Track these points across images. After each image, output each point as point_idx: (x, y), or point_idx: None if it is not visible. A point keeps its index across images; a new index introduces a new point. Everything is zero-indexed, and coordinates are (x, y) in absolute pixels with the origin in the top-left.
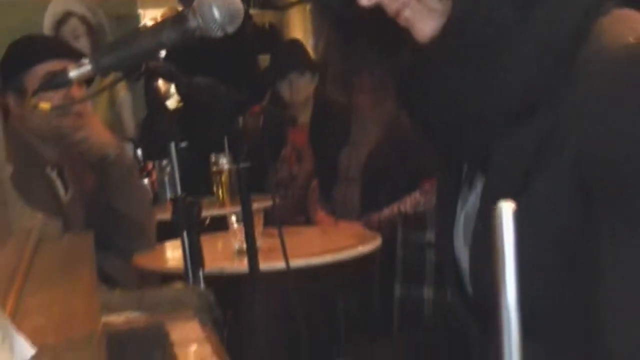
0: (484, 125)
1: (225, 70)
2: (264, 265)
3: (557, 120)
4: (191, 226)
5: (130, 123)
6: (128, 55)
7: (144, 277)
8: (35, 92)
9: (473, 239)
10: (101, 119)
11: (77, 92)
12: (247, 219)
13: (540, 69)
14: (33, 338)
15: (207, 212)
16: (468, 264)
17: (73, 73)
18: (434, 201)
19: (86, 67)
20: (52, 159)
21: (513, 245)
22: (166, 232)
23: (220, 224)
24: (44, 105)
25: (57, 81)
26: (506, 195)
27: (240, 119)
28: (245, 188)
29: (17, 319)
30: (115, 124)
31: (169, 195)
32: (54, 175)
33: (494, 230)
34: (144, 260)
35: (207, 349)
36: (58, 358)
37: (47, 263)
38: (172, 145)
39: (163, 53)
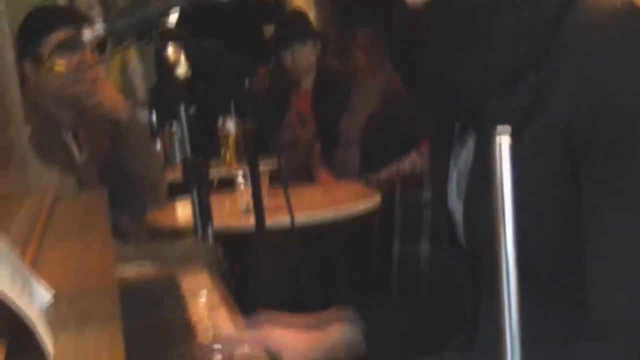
0: (473, 89)
1: (232, 40)
2: (270, 222)
3: (548, 82)
4: (200, 185)
5: (140, 89)
6: (139, 18)
7: (155, 235)
8: (52, 53)
9: (467, 192)
10: (113, 85)
11: (90, 58)
12: (254, 176)
13: (530, 35)
14: (51, 286)
15: (215, 174)
16: (462, 217)
17: (87, 35)
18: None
19: (99, 29)
20: (68, 122)
21: (510, 176)
22: (176, 193)
23: (227, 186)
24: (59, 67)
25: (72, 43)
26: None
27: (247, 81)
28: (251, 147)
29: (36, 269)
30: (126, 89)
31: (178, 157)
32: (69, 138)
33: (492, 161)
34: (156, 218)
35: (216, 299)
36: (74, 305)
37: (64, 219)
38: (182, 107)
39: (173, 20)
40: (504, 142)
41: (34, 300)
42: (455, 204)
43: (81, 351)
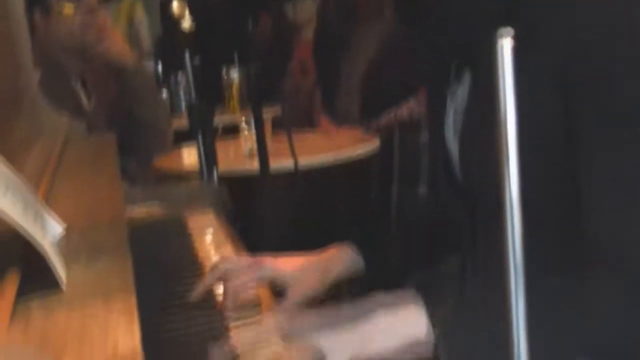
0: (468, 25)
1: None
2: (273, 165)
3: (539, 18)
4: (205, 129)
5: (146, 40)
6: None
7: (162, 180)
8: None
9: (462, 128)
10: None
11: (97, 4)
12: (258, 120)
13: None
14: (63, 220)
15: (219, 121)
16: (458, 153)
17: None
18: None
19: None
20: (76, 71)
21: (512, 80)
22: (182, 140)
23: (231, 132)
24: (68, 10)
25: None
26: (493, 87)
27: (250, 32)
28: (255, 92)
29: (48, 205)
30: (133, 42)
31: (183, 104)
32: (77, 86)
33: (495, 66)
34: (163, 163)
35: (222, 237)
36: (85, 237)
37: (75, 158)
38: (187, 55)
39: None
40: (505, 45)
41: (47, 232)
42: (452, 141)
43: (92, 279)
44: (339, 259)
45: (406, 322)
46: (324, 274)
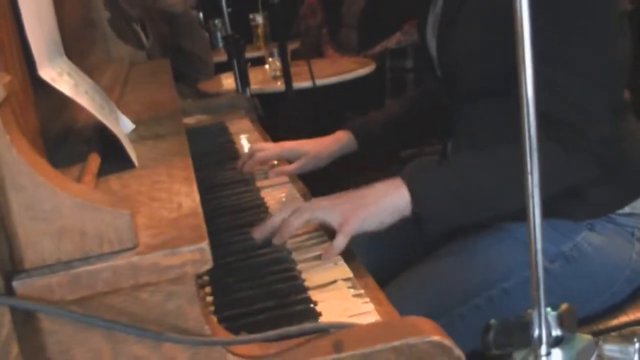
0: None
1: None
2: (294, 85)
3: None
4: (239, 57)
5: None
6: None
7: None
8: None
9: (438, 31)
10: None
11: None
12: (282, 49)
13: None
14: (131, 119)
15: (249, 55)
16: (435, 51)
17: None
18: (413, 38)
19: None
20: (136, 15)
21: None
22: (220, 70)
23: (259, 64)
24: None
25: None
26: None
27: None
28: (280, 27)
29: (120, 109)
30: None
31: (220, 43)
32: (138, 28)
33: None
34: (206, 86)
35: (255, 136)
36: (150, 129)
37: (139, 76)
38: (223, 4)
39: None
40: None
41: (120, 125)
42: (431, 41)
43: (157, 158)
44: (339, 139)
45: (395, 192)
46: (327, 148)
